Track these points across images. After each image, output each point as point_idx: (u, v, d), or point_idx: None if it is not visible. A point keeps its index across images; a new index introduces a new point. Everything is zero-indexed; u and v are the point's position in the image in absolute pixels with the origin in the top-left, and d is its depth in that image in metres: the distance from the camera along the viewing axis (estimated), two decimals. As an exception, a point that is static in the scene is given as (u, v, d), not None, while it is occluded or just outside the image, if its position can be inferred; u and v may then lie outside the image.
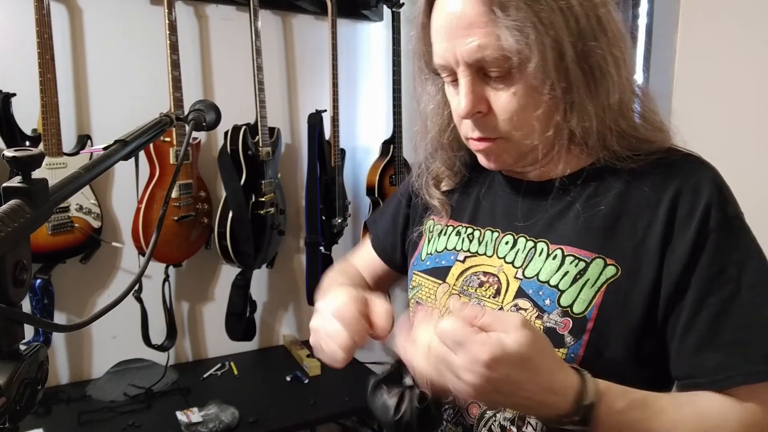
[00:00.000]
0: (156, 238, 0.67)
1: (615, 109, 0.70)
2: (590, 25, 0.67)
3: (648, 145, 0.72)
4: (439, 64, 0.72)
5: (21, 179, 0.46)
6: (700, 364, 0.65)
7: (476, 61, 0.68)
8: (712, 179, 0.69)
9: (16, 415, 0.43)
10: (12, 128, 1.68)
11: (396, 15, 2.29)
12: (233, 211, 2.02)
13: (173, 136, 1.86)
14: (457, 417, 0.77)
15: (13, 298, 0.44)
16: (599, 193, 0.73)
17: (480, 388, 0.56)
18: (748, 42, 1.77)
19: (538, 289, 0.73)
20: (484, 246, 0.82)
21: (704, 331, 0.65)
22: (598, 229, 0.71)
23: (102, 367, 2.01)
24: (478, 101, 0.70)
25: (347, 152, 2.41)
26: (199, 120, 0.83)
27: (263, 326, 2.36)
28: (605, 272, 0.69)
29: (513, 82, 0.68)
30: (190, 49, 2.06)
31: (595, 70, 0.68)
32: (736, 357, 0.64)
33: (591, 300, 0.69)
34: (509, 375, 0.56)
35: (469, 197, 0.88)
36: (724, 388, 0.64)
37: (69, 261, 1.84)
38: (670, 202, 0.69)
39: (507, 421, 0.72)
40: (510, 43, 0.64)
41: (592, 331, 0.68)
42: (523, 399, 0.58)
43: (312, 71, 2.34)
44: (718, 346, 0.65)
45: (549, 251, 0.74)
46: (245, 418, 1.76)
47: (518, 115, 0.70)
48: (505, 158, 0.75)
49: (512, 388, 0.57)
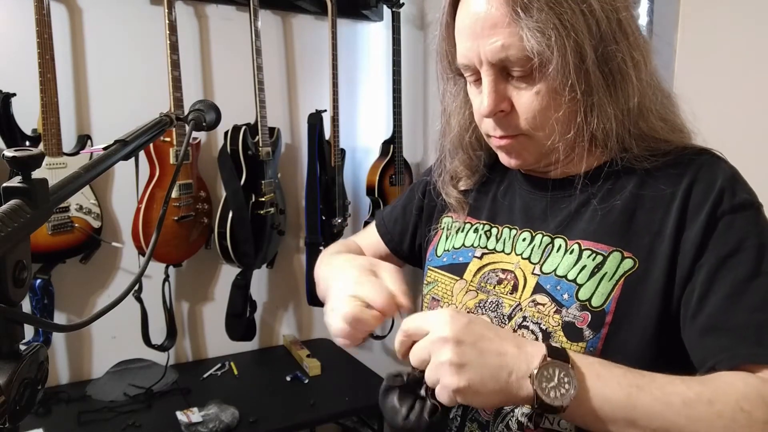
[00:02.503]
0: (156, 238, 0.67)
1: (635, 112, 0.71)
2: (611, 29, 0.68)
3: (666, 144, 0.73)
4: (463, 63, 0.73)
5: (21, 179, 0.45)
6: (710, 345, 0.64)
7: (499, 61, 0.69)
8: (727, 169, 0.70)
9: (16, 415, 0.43)
10: (12, 128, 1.68)
11: (396, 15, 2.29)
12: (233, 211, 2.02)
13: (173, 136, 1.86)
14: (473, 413, 0.77)
15: (13, 298, 0.44)
16: (616, 190, 0.74)
17: (454, 338, 0.59)
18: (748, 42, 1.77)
19: (555, 284, 0.73)
20: (501, 243, 0.82)
21: (717, 312, 0.64)
22: (614, 224, 0.72)
23: (102, 367, 2.01)
24: (500, 100, 0.71)
25: (347, 152, 2.41)
26: (199, 120, 0.83)
27: (263, 326, 2.36)
28: (623, 265, 0.70)
29: (535, 82, 0.69)
30: (190, 49, 2.06)
31: (615, 73, 0.69)
32: (746, 339, 0.62)
33: (609, 293, 0.69)
34: (469, 319, 0.61)
35: (486, 195, 0.88)
36: (730, 366, 0.62)
37: (69, 261, 1.84)
38: (684, 192, 0.69)
39: (525, 417, 0.72)
40: (532, 44, 0.65)
41: (611, 324, 0.68)
42: (494, 351, 0.59)
43: (312, 71, 2.34)
44: (729, 328, 0.63)
45: (567, 247, 0.74)
46: (245, 418, 1.76)
47: (540, 114, 0.71)
48: (526, 156, 0.76)
49: (477, 336, 0.60)
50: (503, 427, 0.73)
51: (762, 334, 0.62)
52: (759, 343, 0.62)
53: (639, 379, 0.59)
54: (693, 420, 0.56)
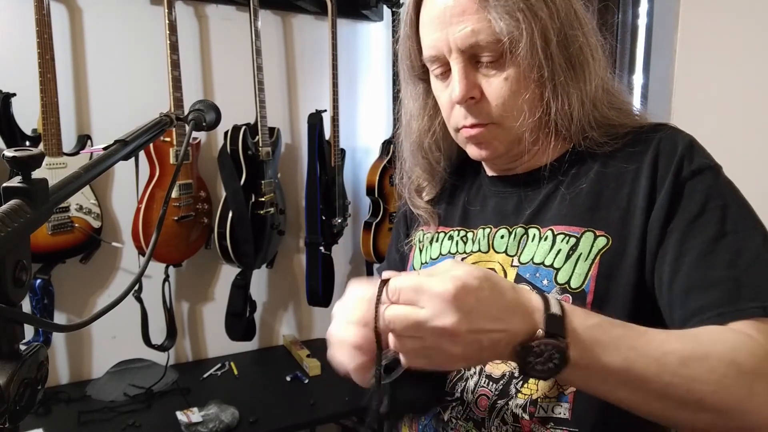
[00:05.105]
0: (156, 238, 0.67)
1: (593, 96, 0.74)
2: (569, 16, 0.73)
3: (622, 128, 0.76)
4: (431, 55, 0.75)
5: (21, 179, 0.46)
6: (692, 305, 0.64)
7: (469, 47, 0.71)
8: (684, 138, 0.73)
9: (16, 415, 0.43)
10: (12, 128, 1.68)
11: (396, 15, 2.29)
12: (233, 211, 2.02)
13: (173, 136, 1.86)
14: (467, 413, 0.77)
15: (13, 298, 0.44)
16: (581, 174, 0.76)
17: (458, 330, 0.52)
18: (747, 42, 1.77)
19: (534, 272, 0.74)
20: (478, 244, 0.82)
21: (692, 272, 0.65)
22: (582, 205, 0.74)
23: (102, 367, 2.01)
24: (471, 87, 0.73)
25: (347, 152, 2.41)
26: (199, 120, 0.84)
27: (263, 326, 2.36)
28: (596, 244, 0.71)
29: (504, 68, 0.72)
30: (190, 49, 2.06)
31: (575, 56, 0.73)
32: (726, 294, 0.63)
33: (587, 273, 0.70)
34: (477, 300, 0.53)
35: (456, 205, 0.89)
36: (717, 323, 0.62)
37: (69, 261, 1.84)
38: (650, 167, 0.72)
39: (519, 408, 0.72)
40: (501, 26, 0.69)
41: (593, 304, 0.69)
42: (498, 329, 0.54)
43: (312, 71, 2.34)
44: (707, 286, 0.64)
45: (541, 234, 0.76)
46: (245, 418, 1.76)
47: (510, 99, 0.73)
48: (496, 145, 0.77)
49: (484, 318, 0.53)
50: (499, 421, 0.73)
51: (739, 289, 0.63)
52: (738, 298, 0.63)
53: (637, 340, 0.57)
54: (687, 379, 0.56)
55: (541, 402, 0.71)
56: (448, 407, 0.79)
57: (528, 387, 0.72)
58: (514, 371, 0.73)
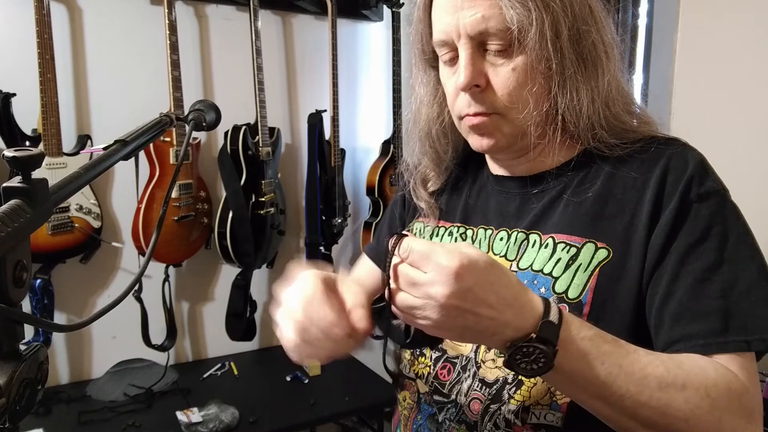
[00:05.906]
0: (156, 238, 0.67)
1: (604, 94, 0.72)
2: (583, 11, 0.71)
3: (633, 134, 0.75)
4: (440, 39, 0.74)
5: (21, 179, 0.45)
6: (679, 331, 0.65)
7: (479, 34, 0.70)
8: (695, 157, 0.72)
9: (16, 415, 0.43)
10: (12, 128, 1.68)
11: (396, 15, 2.29)
12: (233, 211, 2.02)
13: (173, 136, 1.86)
14: (460, 415, 0.77)
15: (13, 298, 0.44)
16: (587, 181, 0.75)
17: (447, 303, 0.53)
18: (747, 42, 1.77)
19: (533, 279, 0.73)
20: (477, 244, 0.82)
21: (684, 298, 0.65)
22: (586, 215, 0.73)
23: (102, 367, 2.01)
24: (477, 74, 0.72)
25: (347, 152, 2.41)
26: (199, 120, 0.83)
27: (263, 326, 2.36)
28: (597, 255, 0.70)
29: (512, 57, 0.71)
30: (190, 49, 2.06)
31: (587, 52, 0.72)
32: (713, 326, 0.64)
33: (585, 284, 0.70)
34: (477, 281, 0.54)
35: (459, 199, 0.88)
36: (701, 353, 0.64)
37: (69, 261, 1.84)
38: (657, 182, 0.70)
39: (511, 414, 0.72)
40: (512, 14, 0.68)
41: (589, 315, 0.68)
42: (487, 316, 0.55)
43: (312, 71, 2.34)
44: (696, 314, 0.65)
45: (541, 241, 0.75)
46: (245, 418, 1.77)
47: (516, 90, 0.72)
48: (498, 137, 0.76)
49: (478, 301, 0.54)
50: (491, 426, 0.73)
51: (728, 320, 0.64)
52: (725, 330, 0.63)
53: (624, 358, 0.59)
54: (662, 404, 0.58)
55: (534, 409, 0.71)
56: (443, 408, 0.79)
57: (521, 393, 0.71)
58: (507, 377, 0.73)
